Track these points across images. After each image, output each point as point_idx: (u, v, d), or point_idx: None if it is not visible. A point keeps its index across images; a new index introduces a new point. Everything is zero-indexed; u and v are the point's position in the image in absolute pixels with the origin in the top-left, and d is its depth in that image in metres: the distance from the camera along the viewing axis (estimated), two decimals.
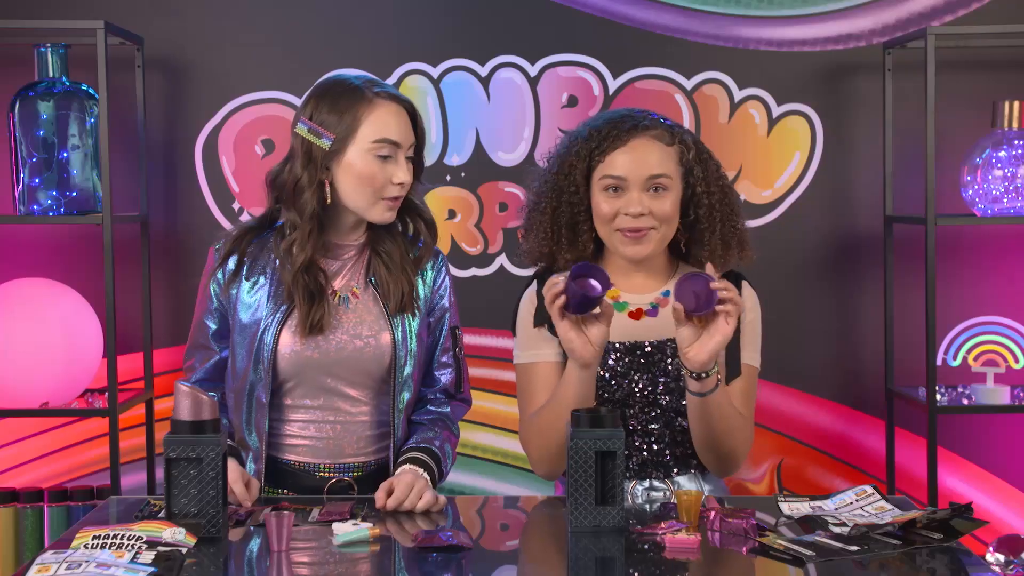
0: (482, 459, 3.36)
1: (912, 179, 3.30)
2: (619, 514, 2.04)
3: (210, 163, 3.39)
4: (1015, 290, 3.41)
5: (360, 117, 2.30)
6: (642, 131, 2.34)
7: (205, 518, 1.99)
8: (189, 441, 2.00)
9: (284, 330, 2.33)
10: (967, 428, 3.41)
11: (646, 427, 2.35)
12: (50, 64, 3.10)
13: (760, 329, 2.42)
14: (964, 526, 1.96)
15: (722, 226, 2.37)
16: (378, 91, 2.32)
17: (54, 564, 1.75)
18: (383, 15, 3.39)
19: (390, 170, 2.31)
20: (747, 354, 2.37)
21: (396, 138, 2.31)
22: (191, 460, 2.00)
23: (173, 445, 2.00)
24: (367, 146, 2.30)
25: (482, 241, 3.42)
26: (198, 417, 2.02)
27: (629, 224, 2.31)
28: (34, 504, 3.06)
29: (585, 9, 3.39)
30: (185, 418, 2.02)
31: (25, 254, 3.38)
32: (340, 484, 2.36)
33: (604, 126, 2.36)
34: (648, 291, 2.39)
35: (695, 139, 2.41)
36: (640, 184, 2.31)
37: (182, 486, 2.00)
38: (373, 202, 2.32)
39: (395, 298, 2.36)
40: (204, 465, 2.00)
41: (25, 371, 3.05)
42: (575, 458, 2.03)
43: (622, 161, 2.32)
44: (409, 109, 2.36)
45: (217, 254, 2.40)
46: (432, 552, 1.94)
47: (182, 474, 2.00)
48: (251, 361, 2.33)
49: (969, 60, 3.36)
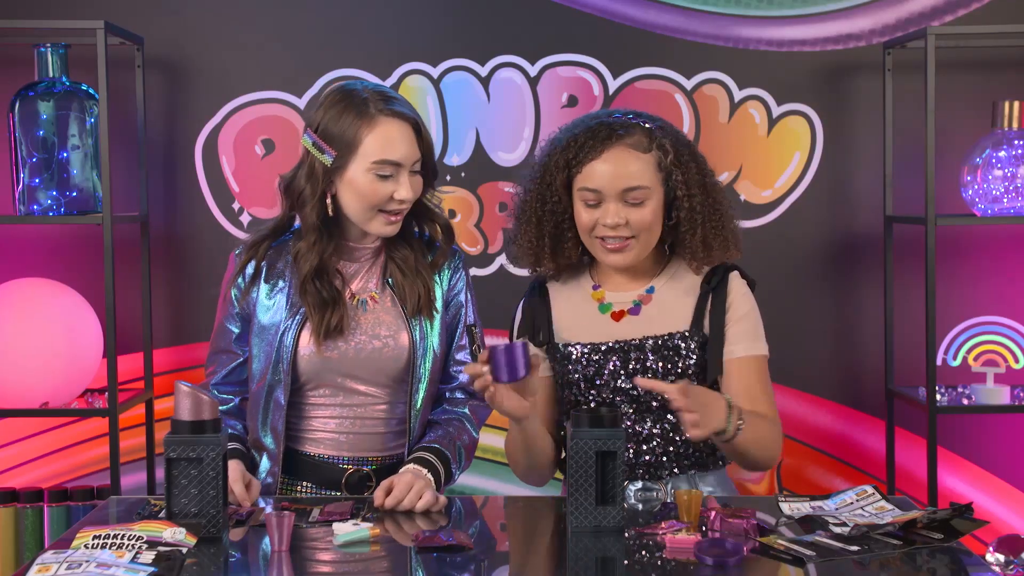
0: (482, 459, 3.36)
1: (912, 179, 3.30)
2: (619, 514, 2.04)
3: (210, 163, 3.39)
4: (1015, 290, 3.41)
5: (361, 135, 2.28)
6: (617, 140, 2.33)
7: (205, 518, 1.99)
8: (189, 441, 2.00)
9: (303, 332, 2.34)
10: (967, 428, 3.41)
11: (634, 427, 2.35)
12: (50, 64, 3.10)
13: (757, 317, 2.40)
14: (964, 526, 1.97)
15: (703, 228, 2.36)
16: (382, 108, 2.29)
17: (54, 564, 1.75)
18: (383, 15, 3.39)
19: (391, 187, 2.30)
20: (747, 346, 2.36)
21: (397, 158, 2.29)
22: (191, 460, 2.00)
23: (173, 445, 2.00)
24: (367, 165, 2.29)
25: (482, 241, 3.42)
26: (198, 417, 2.03)
27: (607, 234, 2.33)
28: (34, 504, 3.06)
29: (585, 9, 3.39)
30: (185, 418, 2.03)
31: (25, 254, 3.38)
32: (359, 475, 2.37)
33: (582, 135, 2.35)
34: (631, 290, 2.41)
35: (675, 141, 2.38)
36: (616, 195, 2.32)
37: (182, 486, 2.01)
38: (373, 216, 2.33)
39: (412, 301, 2.38)
40: (204, 465, 2.00)
41: (25, 371, 3.05)
42: (575, 458, 2.03)
43: (598, 173, 2.32)
44: (415, 124, 2.33)
45: (237, 259, 2.42)
46: (432, 552, 1.94)
47: (182, 474, 2.01)
48: (270, 363, 2.35)
49: (969, 60, 3.36)
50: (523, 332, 2.44)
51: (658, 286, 2.41)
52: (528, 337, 2.42)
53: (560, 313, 2.43)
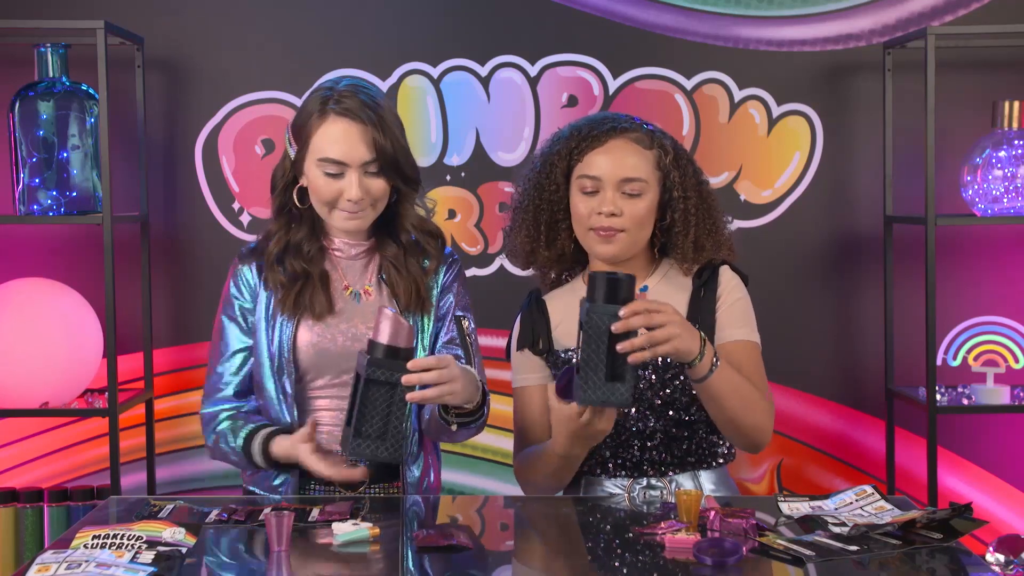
0: (482, 459, 3.36)
1: (912, 179, 3.30)
2: (628, 391, 2.03)
3: (210, 163, 3.39)
4: (1015, 290, 3.41)
5: (312, 131, 2.31)
6: (620, 133, 2.37)
7: (388, 443, 2.07)
8: (388, 365, 2.07)
9: (301, 327, 2.35)
10: (967, 428, 3.41)
11: (637, 425, 2.36)
12: (50, 64, 3.10)
13: (748, 307, 2.41)
14: (964, 526, 1.96)
15: (696, 230, 2.39)
16: (334, 107, 2.30)
17: (54, 564, 1.75)
18: (383, 15, 3.39)
19: (340, 185, 2.31)
20: (738, 332, 2.37)
21: (338, 157, 2.29)
22: (387, 384, 2.07)
23: (373, 367, 2.06)
24: (315, 161, 2.32)
25: (482, 241, 3.42)
26: (396, 343, 2.08)
27: (601, 223, 2.34)
28: (34, 504, 3.07)
29: (585, 9, 3.39)
30: (385, 342, 2.08)
31: (25, 254, 3.38)
32: None
33: (585, 126, 2.40)
34: None
35: (675, 144, 2.43)
36: (614, 185, 2.34)
37: (375, 406, 2.07)
38: (330, 211, 2.35)
39: (405, 296, 2.38)
40: (398, 391, 2.07)
41: (25, 371, 3.06)
42: (588, 331, 2.03)
43: (599, 161, 2.36)
44: (372, 125, 2.29)
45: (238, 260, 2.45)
46: (432, 552, 1.94)
47: (378, 396, 2.07)
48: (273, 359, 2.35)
49: (969, 60, 3.36)
50: (523, 343, 2.45)
51: (651, 285, 2.42)
52: (529, 347, 2.43)
53: (558, 321, 2.45)
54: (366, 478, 2.29)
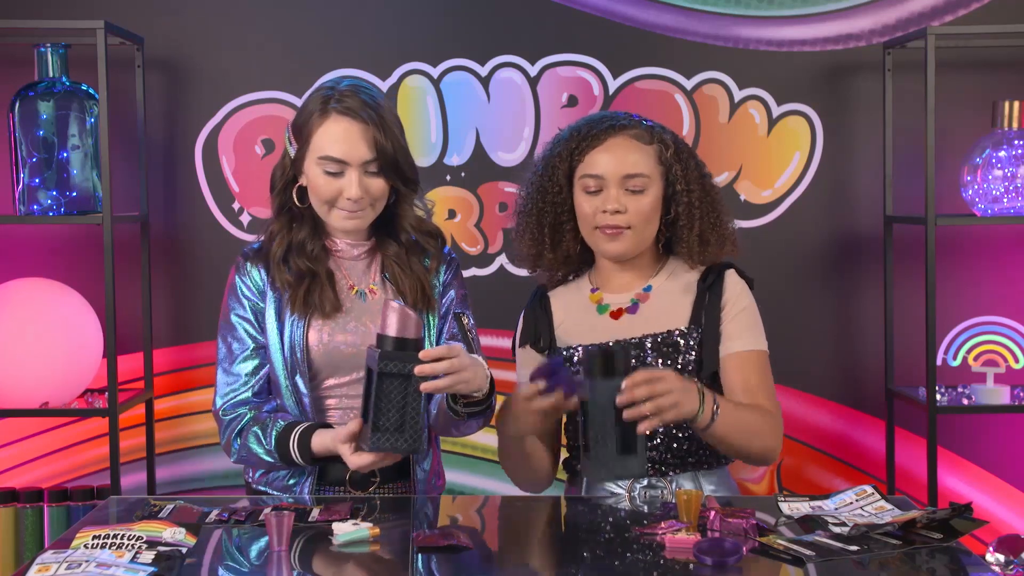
0: (482, 459, 3.36)
1: (912, 179, 3.30)
2: (642, 463, 2.04)
3: (210, 163, 3.39)
4: (1015, 290, 3.41)
5: (313, 130, 2.32)
6: (620, 130, 2.38)
7: (407, 434, 2.07)
8: (400, 357, 2.06)
9: (311, 328, 2.35)
10: (967, 428, 3.41)
11: None
12: (50, 64, 3.10)
13: (755, 313, 2.41)
14: (964, 526, 1.96)
15: (701, 223, 2.40)
16: (335, 105, 2.30)
17: (54, 564, 1.75)
18: (383, 15, 3.39)
19: (340, 184, 2.31)
20: (744, 341, 2.37)
21: (339, 156, 2.30)
22: (400, 376, 2.06)
23: (385, 360, 2.06)
24: (315, 160, 2.32)
25: (482, 241, 3.42)
26: (405, 334, 2.08)
27: (607, 221, 2.35)
28: (34, 504, 3.07)
29: (585, 9, 3.39)
30: (396, 335, 2.08)
31: (25, 254, 3.38)
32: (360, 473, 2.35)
33: (584, 126, 2.41)
34: (629, 290, 2.42)
35: (675, 138, 2.43)
36: (618, 182, 2.35)
37: (391, 400, 2.06)
38: (329, 210, 2.35)
39: (411, 294, 2.39)
40: (412, 381, 2.07)
41: (25, 371, 3.06)
42: (592, 409, 2.03)
43: (600, 160, 2.36)
44: (374, 124, 2.30)
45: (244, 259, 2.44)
46: (432, 552, 1.94)
47: (391, 389, 2.06)
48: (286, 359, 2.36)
49: (969, 60, 3.36)
50: (525, 340, 2.46)
51: (656, 285, 2.42)
52: (531, 344, 2.43)
53: (561, 318, 2.45)
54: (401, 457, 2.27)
